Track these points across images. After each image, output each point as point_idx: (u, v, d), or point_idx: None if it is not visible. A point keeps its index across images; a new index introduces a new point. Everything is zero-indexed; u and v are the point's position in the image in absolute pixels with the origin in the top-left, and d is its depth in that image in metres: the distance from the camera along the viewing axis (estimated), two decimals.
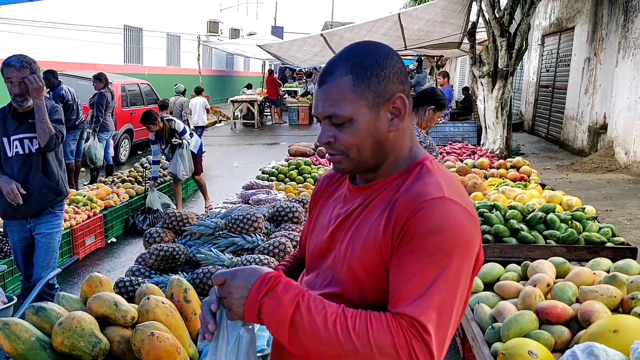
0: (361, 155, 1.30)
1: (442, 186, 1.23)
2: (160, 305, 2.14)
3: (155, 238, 2.95)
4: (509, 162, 5.67)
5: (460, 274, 1.18)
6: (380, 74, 1.26)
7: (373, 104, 1.26)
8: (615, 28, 10.67)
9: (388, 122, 1.29)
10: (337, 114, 1.26)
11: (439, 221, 1.16)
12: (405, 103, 1.29)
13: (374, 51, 1.29)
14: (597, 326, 1.90)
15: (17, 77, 3.55)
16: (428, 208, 1.18)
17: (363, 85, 1.26)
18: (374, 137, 1.28)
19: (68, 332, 1.95)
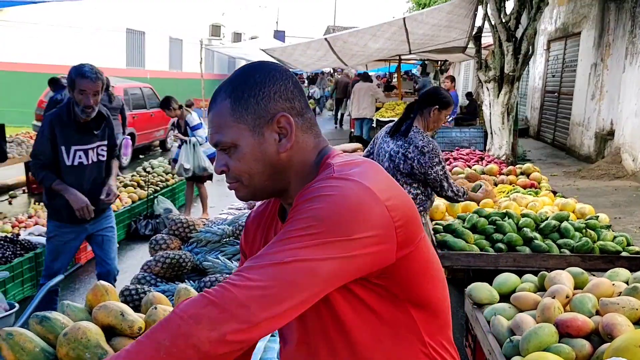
0: (255, 181, 1.23)
1: (334, 170, 1.13)
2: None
3: (162, 245, 2.89)
4: (518, 169, 5.60)
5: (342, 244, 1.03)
6: (259, 94, 1.20)
7: (255, 126, 1.20)
8: (623, 33, 10.61)
9: (276, 144, 1.21)
10: (221, 141, 1.21)
11: (317, 193, 1.07)
12: (290, 121, 1.20)
13: (255, 71, 1.23)
14: (622, 341, 1.83)
15: (92, 89, 3.52)
16: (310, 190, 1.10)
17: (241, 108, 1.20)
18: (263, 161, 1.21)
19: (73, 343, 1.87)
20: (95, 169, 3.80)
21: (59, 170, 3.68)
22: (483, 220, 3.66)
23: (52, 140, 3.63)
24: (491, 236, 3.54)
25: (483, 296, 2.66)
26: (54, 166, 3.67)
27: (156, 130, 13.74)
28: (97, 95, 3.55)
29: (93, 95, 3.53)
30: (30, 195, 8.81)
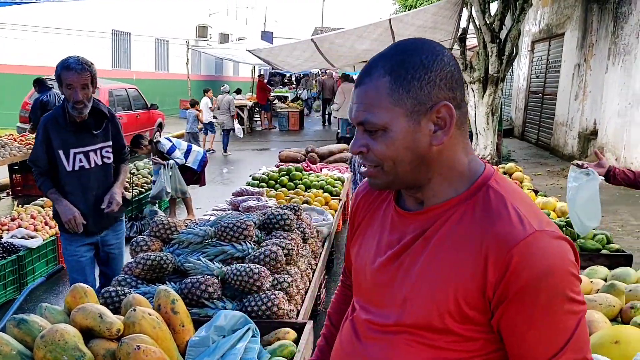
0: (398, 169, 1.14)
1: (524, 216, 1.06)
2: (147, 317, 2.06)
3: (142, 247, 2.87)
4: (501, 168, 5.63)
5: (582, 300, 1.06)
6: (424, 78, 1.09)
7: (412, 112, 1.10)
8: (605, 34, 10.73)
9: (430, 135, 1.11)
10: (370, 121, 1.11)
11: (543, 265, 1.02)
12: (451, 113, 1.10)
13: (421, 50, 1.11)
14: (598, 337, 1.85)
15: (78, 81, 3.22)
16: (524, 252, 1.02)
17: (401, 89, 1.09)
18: (412, 150, 1.11)
19: (51, 345, 1.86)
20: (102, 174, 3.51)
21: (59, 177, 3.42)
22: None
23: (48, 145, 3.38)
24: None
25: None
26: (53, 173, 3.42)
27: (142, 132, 13.65)
28: (86, 88, 3.25)
29: (81, 88, 3.22)
30: (14, 198, 8.73)
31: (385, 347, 1.18)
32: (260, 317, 2.43)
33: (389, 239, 1.22)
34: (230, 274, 2.56)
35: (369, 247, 1.27)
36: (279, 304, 2.45)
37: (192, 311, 2.43)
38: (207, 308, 2.48)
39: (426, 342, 1.13)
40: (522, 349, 1.07)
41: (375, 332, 1.21)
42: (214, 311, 2.42)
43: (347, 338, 1.30)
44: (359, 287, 1.31)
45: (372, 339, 1.21)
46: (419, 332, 1.13)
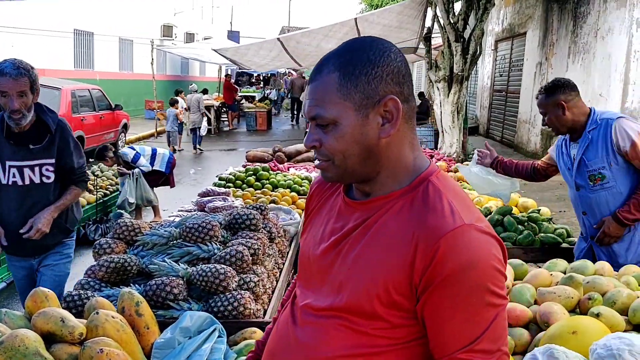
0: (347, 162, 1.18)
1: (457, 210, 1.13)
2: (110, 319, 2.04)
3: (106, 249, 2.83)
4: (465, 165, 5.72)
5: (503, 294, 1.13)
6: (371, 73, 1.14)
7: (360, 106, 1.15)
8: (565, 33, 10.99)
9: (379, 128, 1.16)
10: (321, 115, 1.16)
11: (467, 257, 1.08)
12: (398, 106, 1.16)
13: (369, 47, 1.17)
14: (556, 328, 1.90)
15: (14, 88, 2.84)
16: (450, 243, 1.09)
17: (350, 84, 1.14)
18: (361, 144, 1.16)
19: (10, 351, 1.82)
20: (40, 193, 3.11)
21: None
22: None
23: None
24: None
25: None
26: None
27: (106, 133, 13.43)
28: (24, 96, 2.87)
29: (18, 96, 2.85)
30: None
31: (316, 330, 1.23)
32: (227, 317, 2.42)
33: (333, 227, 1.27)
34: (195, 275, 2.55)
35: (316, 234, 1.33)
36: (245, 304, 2.44)
37: (157, 313, 2.40)
38: (172, 310, 2.46)
39: (354, 327, 1.17)
40: (442, 335, 1.13)
41: (310, 316, 1.26)
42: (179, 312, 2.40)
43: (284, 322, 1.34)
44: (303, 273, 1.36)
45: (307, 323, 1.26)
46: (349, 317, 1.18)
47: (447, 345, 1.13)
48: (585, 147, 3.06)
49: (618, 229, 3.01)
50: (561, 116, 3.07)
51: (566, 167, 3.27)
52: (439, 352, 1.14)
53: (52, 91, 11.40)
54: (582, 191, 3.16)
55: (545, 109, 3.13)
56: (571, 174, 3.21)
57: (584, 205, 3.21)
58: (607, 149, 2.98)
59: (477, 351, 1.10)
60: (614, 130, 2.95)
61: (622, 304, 2.17)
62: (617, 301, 2.18)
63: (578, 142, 3.12)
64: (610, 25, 9.10)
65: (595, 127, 3.02)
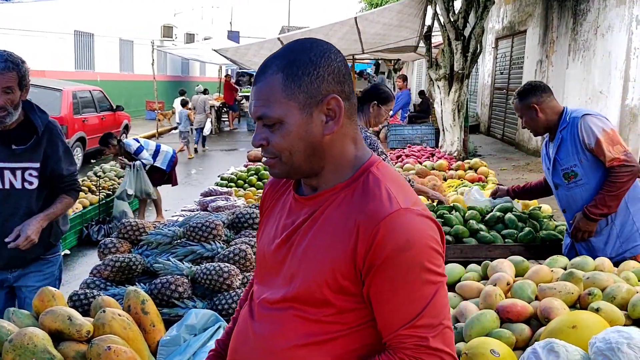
0: (293, 159, 1.24)
1: (394, 196, 1.20)
2: (117, 317, 2.07)
3: (111, 249, 2.86)
4: (466, 164, 5.75)
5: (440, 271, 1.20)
6: (313, 73, 1.20)
7: (304, 105, 1.21)
8: (565, 31, 11.00)
9: (322, 125, 1.23)
10: (267, 115, 1.21)
11: (403, 238, 1.15)
12: (340, 104, 1.22)
13: (310, 48, 1.23)
14: (556, 323, 1.93)
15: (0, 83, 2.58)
16: (388, 226, 1.16)
17: (293, 85, 1.20)
18: (306, 141, 1.22)
19: (19, 349, 1.86)
20: (21, 200, 2.77)
21: None
22: None
23: None
24: None
25: None
26: None
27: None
28: (10, 92, 2.61)
29: (3, 92, 2.58)
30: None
31: (272, 323, 1.28)
32: (231, 315, 2.45)
33: (285, 223, 1.33)
34: (200, 274, 2.57)
35: (269, 232, 1.38)
36: None
37: (163, 311, 2.43)
38: (177, 308, 2.49)
39: (307, 316, 1.24)
40: (386, 315, 1.20)
41: (266, 310, 1.31)
42: (184, 310, 2.43)
43: (243, 319, 1.39)
44: (259, 270, 1.41)
45: (263, 316, 1.31)
46: (301, 307, 1.24)
47: (391, 323, 1.19)
48: (557, 146, 3.15)
49: (587, 223, 3.07)
50: (535, 118, 3.17)
51: (546, 167, 3.37)
52: (385, 331, 1.21)
53: (54, 92, 11.44)
54: (560, 189, 3.24)
55: (520, 112, 3.25)
56: (549, 173, 3.30)
57: (562, 204, 3.29)
58: (576, 146, 3.06)
59: (419, 326, 1.17)
60: (579, 128, 3.04)
61: (621, 299, 2.19)
62: (616, 296, 2.20)
63: (554, 140, 3.20)
64: (610, 22, 9.11)
65: (566, 126, 3.11)
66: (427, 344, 1.17)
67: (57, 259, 3.05)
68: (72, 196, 2.97)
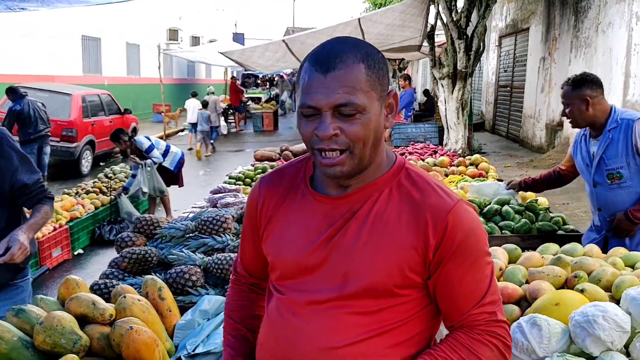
0: (365, 151, 1.23)
1: (448, 191, 1.32)
2: (137, 302, 2.24)
3: (127, 242, 3.04)
4: (468, 160, 5.90)
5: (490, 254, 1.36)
6: (384, 69, 1.25)
7: (380, 97, 1.24)
8: (567, 28, 11.11)
9: (385, 119, 1.27)
10: (353, 102, 1.18)
11: (468, 227, 1.28)
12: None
13: (372, 46, 1.28)
14: (541, 301, 2.08)
15: None
16: (456, 218, 1.26)
17: (375, 76, 1.21)
18: (377, 132, 1.24)
19: (49, 330, 2.03)
20: None
21: None
22: None
23: None
24: None
25: None
26: None
27: None
28: None
29: None
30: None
31: (326, 321, 1.29)
32: None
33: (317, 225, 1.32)
34: (212, 263, 2.75)
35: (293, 236, 1.35)
36: None
37: (177, 299, 2.60)
38: (191, 295, 2.66)
39: (366, 311, 1.27)
40: (456, 299, 1.31)
41: (314, 309, 1.30)
42: (197, 297, 2.60)
43: (279, 320, 1.36)
44: (286, 273, 1.37)
45: (311, 315, 1.30)
46: (360, 302, 1.27)
47: (462, 306, 1.31)
48: (605, 146, 3.11)
49: (628, 225, 3.08)
50: (584, 111, 3.10)
51: (584, 163, 3.31)
52: (454, 315, 1.33)
53: (63, 97, 11.68)
54: (599, 188, 3.21)
55: (569, 100, 3.15)
56: (589, 170, 3.26)
57: (599, 202, 3.26)
58: (627, 148, 3.04)
59: (487, 304, 1.31)
60: (635, 131, 3.01)
61: (606, 281, 2.34)
62: (602, 279, 2.35)
63: (598, 139, 3.16)
64: (610, 19, 9.22)
65: (616, 127, 3.07)
66: (495, 318, 1.32)
67: (27, 284, 2.76)
68: (48, 204, 2.67)
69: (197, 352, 2.21)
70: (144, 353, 2.00)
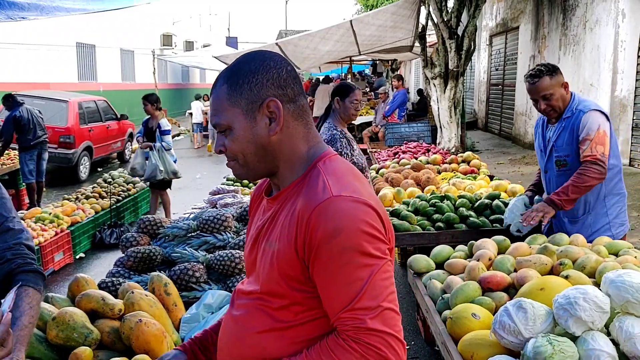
0: (248, 160, 1.34)
1: (329, 185, 1.26)
2: (144, 297, 2.35)
3: (132, 242, 3.15)
4: (460, 157, 6.03)
5: (376, 254, 1.24)
6: (252, 81, 1.31)
7: (247, 110, 1.31)
8: (556, 26, 11.27)
9: (267, 127, 1.32)
10: (217, 123, 1.34)
11: (332, 224, 1.21)
12: (278, 106, 1.31)
13: (251, 60, 1.35)
14: (527, 286, 2.21)
15: None
16: (319, 214, 1.22)
17: (236, 93, 1.31)
18: (255, 143, 1.32)
19: (62, 325, 2.14)
20: None
21: None
22: (424, 204, 4.05)
23: None
24: (432, 217, 3.93)
25: (421, 265, 3.02)
26: None
27: (113, 143, 13.79)
28: None
29: None
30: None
31: (245, 311, 1.40)
32: None
33: (258, 224, 1.45)
34: (214, 260, 2.86)
35: (249, 233, 1.51)
36: None
37: (182, 294, 2.72)
38: (194, 291, 2.77)
39: (269, 305, 1.34)
40: (327, 299, 1.27)
41: (242, 300, 1.44)
42: (201, 293, 2.72)
43: (229, 310, 1.51)
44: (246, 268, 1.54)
45: (239, 306, 1.44)
46: (265, 297, 1.35)
47: (333, 307, 1.25)
48: (558, 134, 3.20)
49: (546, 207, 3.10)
50: (565, 95, 3.13)
51: (539, 148, 3.40)
52: (330, 314, 1.28)
53: (60, 104, 11.76)
54: (550, 173, 3.32)
55: (550, 90, 3.12)
56: (542, 156, 3.36)
57: (548, 187, 3.35)
58: (572, 138, 3.13)
59: (357, 309, 1.22)
60: (582, 122, 3.08)
61: (590, 268, 2.47)
62: (586, 266, 2.48)
63: (555, 126, 3.24)
64: (597, 16, 9.38)
65: (570, 116, 3.16)
66: (365, 325, 1.21)
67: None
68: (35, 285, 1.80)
69: None
70: (153, 344, 2.12)
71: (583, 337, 1.89)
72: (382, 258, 1.25)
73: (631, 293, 1.90)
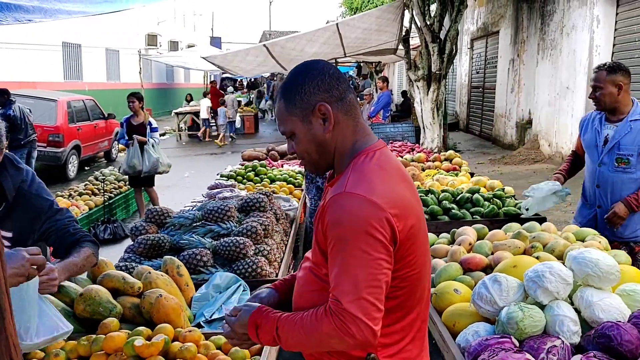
0: (311, 157, 1.59)
1: (347, 183, 1.47)
2: (160, 277, 2.61)
3: (141, 231, 3.40)
4: (442, 156, 6.35)
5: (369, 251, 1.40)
6: (301, 91, 1.54)
7: (304, 117, 1.55)
8: (534, 31, 11.68)
9: (322, 127, 1.55)
10: (283, 131, 1.61)
11: (335, 215, 1.44)
12: (327, 108, 1.53)
13: (298, 74, 1.58)
14: (502, 264, 2.51)
15: None
16: (330, 204, 1.46)
17: (291, 105, 1.56)
18: (314, 142, 1.56)
19: (88, 300, 2.39)
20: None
21: None
22: None
23: None
24: None
25: None
26: None
27: (100, 141, 13.93)
28: None
29: None
30: None
31: (303, 274, 1.68)
32: (247, 277, 3.00)
33: None
34: (220, 246, 3.12)
35: None
36: (261, 267, 3.03)
37: (191, 277, 2.97)
38: (202, 274, 3.03)
39: (317, 272, 1.59)
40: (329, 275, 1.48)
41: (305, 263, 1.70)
42: (209, 276, 2.97)
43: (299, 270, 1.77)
44: None
45: (302, 269, 1.70)
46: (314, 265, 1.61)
47: (330, 283, 1.46)
48: (625, 133, 3.34)
49: (624, 211, 3.35)
50: (615, 95, 3.29)
51: (594, 143, 3.52)
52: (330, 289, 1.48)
53: (49, 103, 11.89)
54: (603, 167, 3.43)
55: (602, 84, 3.30)
56: (598, 150, 3.47)
57: (600, 180, 3.47)
58: None
59: (340, 291, 1.40)
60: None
61: (559, 251, 2.78)
62: (555, 249, 2.79)
63: (617, 125, 3.38)
64: (574, 22, 9.79)
65: (638, 119, 3.33)
66: (342, 306, 1.38)
67: None
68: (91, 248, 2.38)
69: (214, 318, 2.59)
70: (173, 316, 2.38)
71: (549, 305, 2.19)
72: (376, 257, 1.41)
73: (591, 267, 2.20)
